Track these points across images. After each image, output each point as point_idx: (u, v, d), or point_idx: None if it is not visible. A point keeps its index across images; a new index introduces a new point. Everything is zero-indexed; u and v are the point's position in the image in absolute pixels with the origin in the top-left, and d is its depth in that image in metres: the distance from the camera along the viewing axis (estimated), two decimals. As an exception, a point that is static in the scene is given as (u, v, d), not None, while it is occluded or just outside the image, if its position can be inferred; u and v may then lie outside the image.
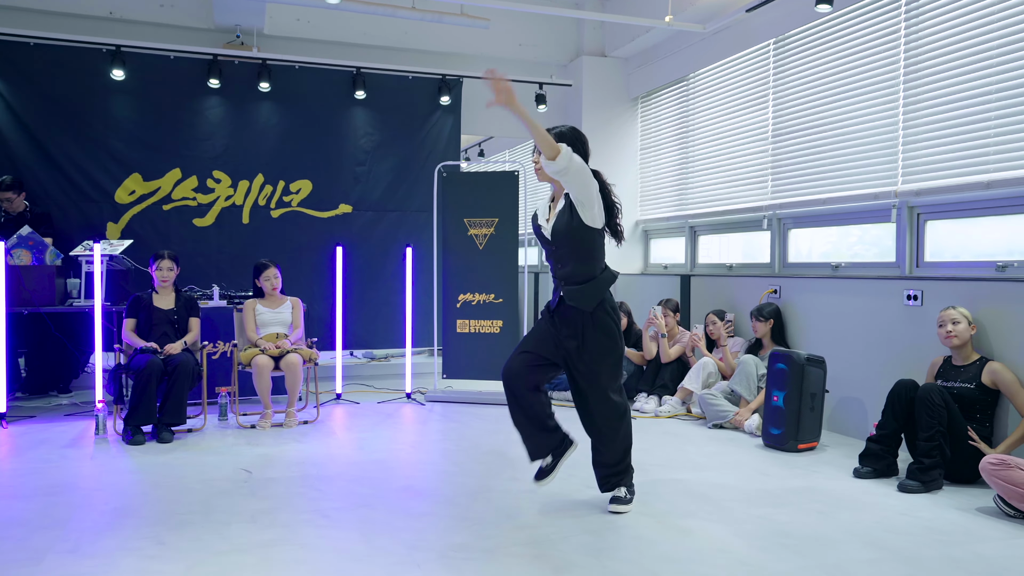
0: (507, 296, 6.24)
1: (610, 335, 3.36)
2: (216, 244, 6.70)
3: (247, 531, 3.15)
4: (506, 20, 7.41)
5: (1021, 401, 3.88)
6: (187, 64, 6.53)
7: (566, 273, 3.36)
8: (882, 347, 4.79)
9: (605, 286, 3.37)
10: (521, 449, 4.56)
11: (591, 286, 3.34)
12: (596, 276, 3.35)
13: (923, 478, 3.76)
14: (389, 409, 5.88)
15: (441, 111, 7.30)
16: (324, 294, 6.80)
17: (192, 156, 6.63)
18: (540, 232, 3.45)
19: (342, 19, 6.98)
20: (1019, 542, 3.10)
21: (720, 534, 3.17)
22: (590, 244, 3.34)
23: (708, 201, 6.76)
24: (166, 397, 4.80)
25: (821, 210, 5.48)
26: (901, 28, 4.83)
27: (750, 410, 5.05)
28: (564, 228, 3.32)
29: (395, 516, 3.36)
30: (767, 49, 6.02)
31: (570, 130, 3.40)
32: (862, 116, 5.12)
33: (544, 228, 3.42)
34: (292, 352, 5.26)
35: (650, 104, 7.69)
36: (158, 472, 4.05)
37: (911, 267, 4.81)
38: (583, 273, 3.34)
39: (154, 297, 5.16)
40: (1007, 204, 4.26)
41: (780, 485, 3.88)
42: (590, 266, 3.35)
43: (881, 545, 3.05)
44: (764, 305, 5.45)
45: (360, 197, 7.11)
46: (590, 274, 3.34)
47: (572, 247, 3.34)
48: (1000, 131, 4.23)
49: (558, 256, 3.38)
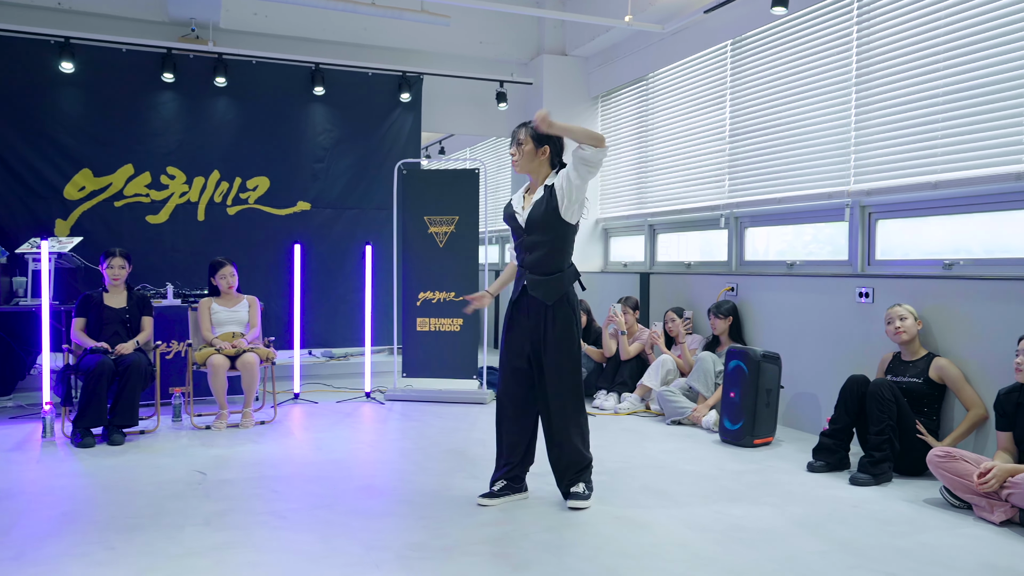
0: (467, 294, 6.19)
1: (568, 331, 3.40)
2: (170, 242, 6.57)
3: (200, 534, 3.10)
4: (467, 18, 7.39)
5: (966, 395, 4.00)
6: (140, 57, 6.39)
7: (533, 261, 3.41)
8: (835, 343, 4.89)
9: (568, 282, 3.43)
10: (481, 448, 4.57)
11: (556, 279, 3.40)
12: (562, 270, 3.42)
13: (873, 471, 3.85)
14: (348, 408, 5.83)
15: (401, 108, 7.25)
16: (282, 292, 6.71)
17: (145, 152, 6.48)
18: (514, 219, 3.50)
19: (300, 14, 6.89)
20: (963, 531, 3.19)
21: (677, 529, 3.20)
22: (562, 236, 3.41)
23: (667, 200, 6.83)
24: (117, 398, 4.69)
25: (776, 209, 5.57)
26: (853, 32, 4.93)
27: (707, 406, 5.12)
28: (539, 217, 3.38)
29: (353, 516, 3.33)
30: (724, 50, 6.10)
31: None
32: (816, 117, 5.22)
33: (519, 215, 3.47)
34: (249, 351, 5.18)
35: (610, 103, 7.74)
36: (108, 475, 3.95)
37: (863, 265, 4.92)
38: (549, 264, 3.40)
39: (105, 296, 5.03)
40: (953, 204, 4.38)
41: (736, 480, 3.94)
42: (558, 259, 3.41)
43: (832, 537, 3.12)
44: (721, 303, 5.52)
45: (318, 194, 7.03)
46: (557, 267, 3.40)
47: (544, 236, 3.39)
48: (947, 133, 4.35)
49: (528, 244, 3.43)
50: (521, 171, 3.49)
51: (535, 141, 3.42)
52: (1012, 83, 4.00)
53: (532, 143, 3.42)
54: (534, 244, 3.42)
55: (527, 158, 3.44)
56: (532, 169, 3.47)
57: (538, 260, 3.40)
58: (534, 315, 3.42)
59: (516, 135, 3.46)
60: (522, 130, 3.45)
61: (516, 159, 3.46)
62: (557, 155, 3.48)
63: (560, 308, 3.40)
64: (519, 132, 3.45)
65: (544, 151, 3.44)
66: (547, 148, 3.44)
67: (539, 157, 3.44)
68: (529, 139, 3.42)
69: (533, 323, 3.42)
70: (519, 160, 3.45)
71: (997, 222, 4.25)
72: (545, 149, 3.44)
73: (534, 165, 3.46)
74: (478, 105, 7.77)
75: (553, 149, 3.46)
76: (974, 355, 4.06)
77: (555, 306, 3.39)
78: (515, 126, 3.52)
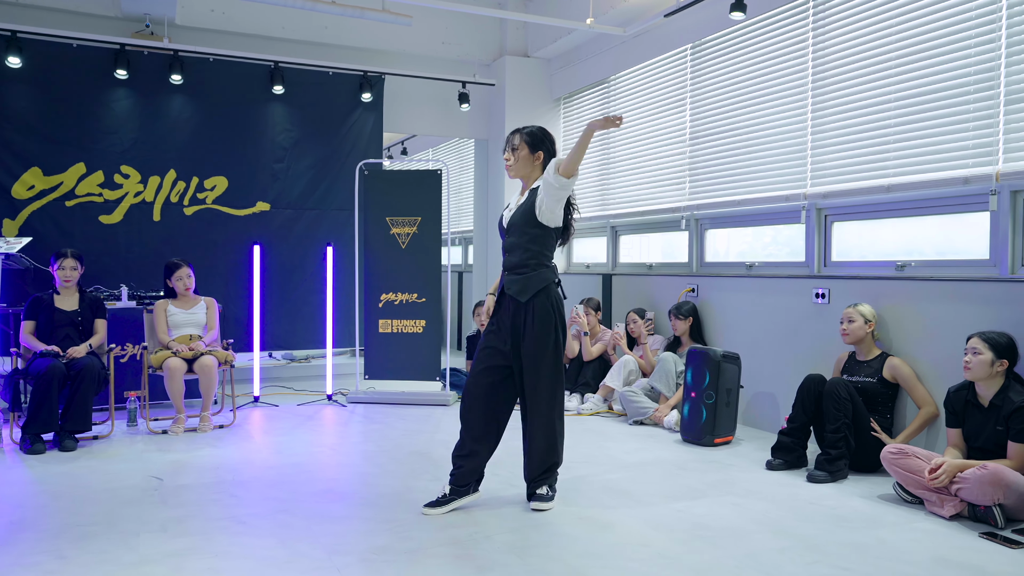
0: (430, 296, 6.20)
1: (546, 327, 3.37)
2: (125, 242, 6.41)
3: (156, 541, 3.03)
4: (429, 18, 7.36)
5: (918, 394, 4.10)
6: (92, 53, 6.23)
7: (511, 262, 3.43)
8: (792, 343, 4.98)
9: (542, 280, 3.39)
10: (444, 449, 4.55)
11: (530, 277, 3.38)
12: (537, 270, 3.40)
13: (830, 468, 3.93)
14: (309, 411, 5.76)
15: (362, 108, 7.19)
16: (241, 294, 6.60)
17: (98, 150, 6.32)
18: (501, 223, 3.54)
19: (259, 11, 6.79)
20: (916, 526, 3.28)
21: (640, 528, 3.23)
22: (538, 239, 3.40)
23: (629, 202, 6.89)
24: (69, 403, 4.56)
25: (736, 211, 5.65)
26: (809, 38, 5.03)
27: (669, 406, 5.17)
28: (520, 219, 3.41)
29: (314, 520, 3.29)
30: (684, 54, 6.18)
31: (540, 130, 3.49)
32: (773, 121, 5.31)
33: (504, 218, 3.51)
34: (206, 354, 5.09)
35: (572, 105, 7.78)
36: (59, 482, 3.84)
37: (819, 266, 5.02)
38: (526, 264, 3.39)
39: (56, 298, 4.90)
40: (906, 207, 4.50)
41: (698, 479, 3.99)
42: (533, 259, 3.40)
43: (790, 534, 3.17)
44: (682, 303, 5.59)
45: (278, 195, 6.93)
46: (532, 266, 3.40)
47: (520, 237, 3.41)
48: (899, 138, 4.46)
49: (509, 245, 3.46)
50: (515, 176, 3.50)
51: (530, 147, 3.43)
52: (960, 90, 4.12)
53: (527, 148, 3.43)
54: (513, 245, 3.44)
55: (522, 163, 3.45)
56: (526, 174, 3.47)
57: (515, 260, 3.42)
58: (513, 314, 3.40)
59: (511, 140, 3.46)
60: (517, 135, 3.45)
61: (510, 163, 3.46)
62: (550, 160, 3.45)
63: (539, 305, 3.36)
64: (514, 137, 3.45)
65: (539, 156, 3.44)
66: (541, 153, 3.45)
67: (534, 162, 3.45)
68: (524, 144, 3.43)
69: (511, 322, 3.40)
70: (513, 165, 3.46)
71: (947, 225, 4.38)
72: (540, 155, 3.44)
73: (528, 170, 3.46)
74: (440, 106, 7.75)
75: (547, 155, 3.46)
76: (925, 354, 4.17)
77: (533, 303, 3.36)
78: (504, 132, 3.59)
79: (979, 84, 4.04)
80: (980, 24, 4.03)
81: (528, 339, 3.36)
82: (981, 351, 3.45)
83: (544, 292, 3.38)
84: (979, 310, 3.91)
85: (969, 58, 4.08)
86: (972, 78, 4.07)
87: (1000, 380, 3.46)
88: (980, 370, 3.45)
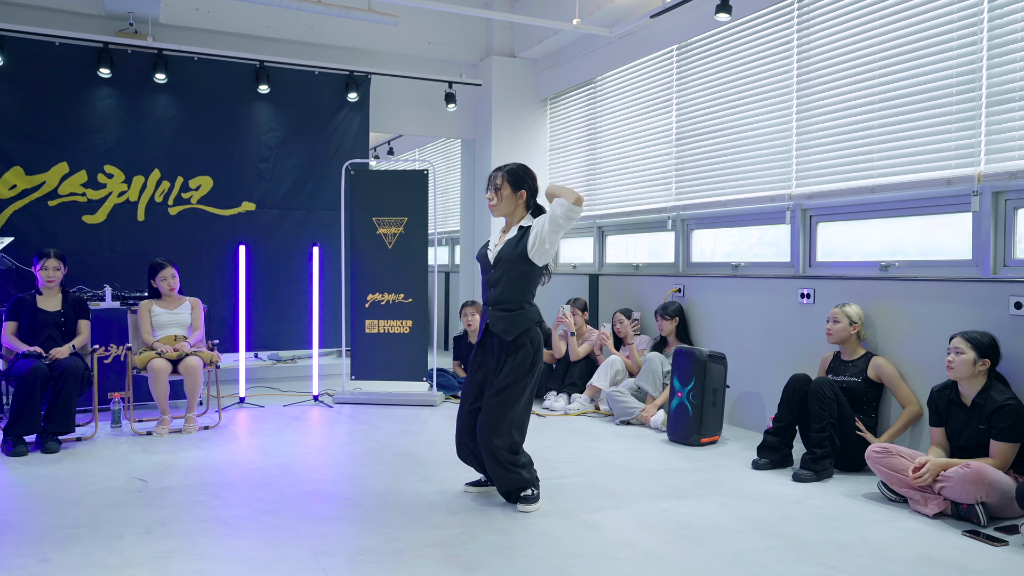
0: (417, 296, 6.18)
1: (523, 366, 3.41)
2: (108, 242, 6.36)
3: (141, 543, 3.00)
4: (415, 17, 7.35)
5: (902, 393, 4.14)
6: (75, 52, 6.17)
7: (495, 297, 3.48)
8: (778, 343, 5.01)
9: (528, 319, 3.46)
10: (431, 450, 4.55)
11: (516, 315, 3.44)
12: (523, 308, 3.46)
13: (815, 467, 3.95)
14: (295, 412, 5.73)
15: (348, 108, 7.16)
16: (226, 294, 6.57)
17: (81, 149, 6.26)
18: (485, 257, 3.58)
19: (244, 10, 6.75)
20: (900, 524, 3.30)
21: (627, 528, 3.24)
22: (528, 275, 3.46)
23: (615, 202, 6.91)
24: (52, 404, 4.51)
25: (722, 212, 5.68)
26: (794, 40, 5.07)
27: (656, 406, 5.18)
28: (507, 254, 3.46)
29: (300, 521, 3.28)
30: (671, 54, 6.20)
31: (520, 168, 3.54)
32: (759, 122, 5.34)
33: (490, 253, 3.56)
34: (191, 355, 5.05)
35: (559, 105, 7.79)
36: (42, 484, 3.80)
37: (804, 267, 5.06)
38: (511, 300, 3.45)
39: (38, 298, 4.85)
40: (890, 208, 4.54)
41: (684, 478, 4.00)
42: (519, 296, 3.46)
43: (776, 533, 3.19)
44: (668, 304, 5.60)
45: (264, 195, 6.89)
46: (517, 303, 3.45)
47: (509, 272, 3.45)
48: (883, 139, 4.50)
49: (494, 280, 3.49)
50: (498, 214, 3.56)
51: (512, 185, 3.49)
52: (942, 92, 4.16)
53: (510, 187, 3.49)
54: (498, 279, 3.47)
55: (506, 202, 3.51)
56: (509, 212, 3.53)
57: (499, 296, 3.46)
58: (496, 353, 3.48)
59: (493, 179, 3.51)
60: (499, 174, 3.51)
61: (494, 203, 3.51)
62: (533, 197, 3.56)
63: (520, 345, 3.42)
64: (496, 176, 3.51)
65: (521, 195, 3.51)
66: (524, 192, 3.51)
67: (517, 200, 3.51)
68: (507, 184, 3.49)
69: (495, 362, 3.48)
70: (497, 204, 3.51)
71: (930, 225, 4.41)
72: (522, 193, 3.51)
73: (511, 208, 3.52)
74: (427, 106, 7.73)
75: (529, 193, 3.53)
76: (909, 354, 4.21)
77: (516, 342, 3.42)
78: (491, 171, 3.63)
79: (961, 86, 4.08)
80: (962, 27, 4.07)
81: (504, 369, 3.42)
82: (964, 351, 3.49)
83: (527, 333, 3.44)
84: (962, 310, 3.95)
85: (951, 60, 4.12)
86: (954, 80, 4.11)
87: (983, 379, 3.50)
88: (963, 370, 3.48)
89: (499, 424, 3.42)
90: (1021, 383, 3.62)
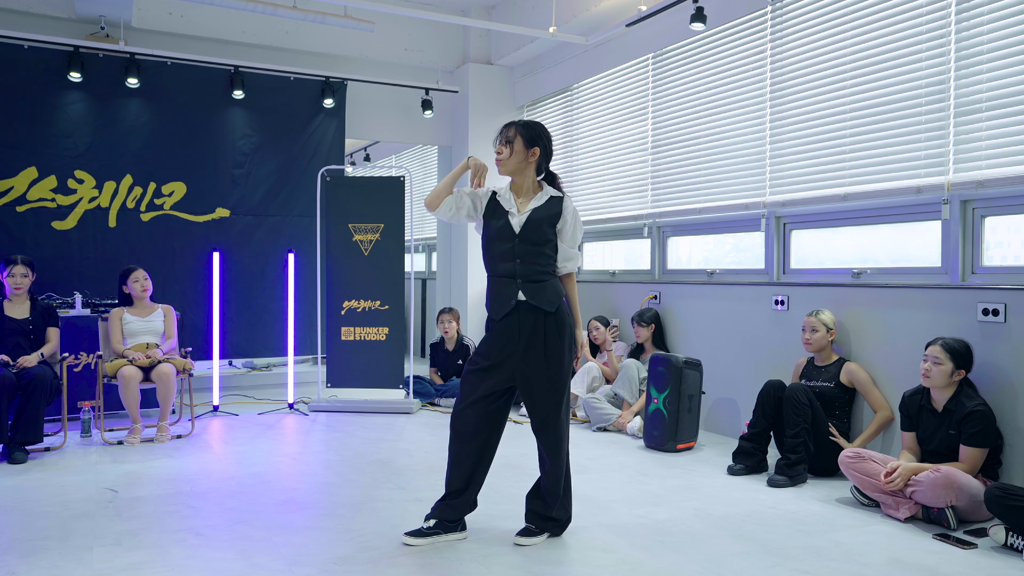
0: (393, 303, 6.16)
1: (568, 340, 3.17)
2: (79, 249, 6.25)
3: (110, 555, 2.95)
4: (391, 24, 7.33)
5: (874, 398, 4.19)
6: (44, 55, 6.07)
7: (527, 271, 3.13)
8: (753, 349, 5.05)
9: (560, 292, 3.21)
10: (407, 458, 4.52)
11: (552, 283, 3.17)
12: (554, 275, 3.21)
13: (790, 473, 3.99)
14: (270, 420, 5.67)
15: (324, 114, 7.12)
16: (200, 301, 6.49)
17: (50, 154, 6.16)
18: (507, 221, 3.17)
19: (218, 15, 6.69)
20: (872, 528, 3.34)
21: (603, 534, 3.24)
22: (554, 244, 3.20)
23: (592, 209, 6.93)
24: (19, 414, 4.42)
25: (697, 219, 5.72)
26: (767, 49, 5.13)
27: (632, 413, 5.20)
28: (538, 225, 3.15)
29: (274, 531, 3.24)
30: (646, 63, 6.25)
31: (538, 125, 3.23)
32: (733, 130, 5.39)
33: (512, 216, 3.17)
34: (164, 362, 4.98)
35: (536, 112, 7.81)
36: (8, 496, 3.72)
37: (778, 274, 5.11)
38: (544, 271, 3.16)
39: (6, 305, 4.76)
40: (861, 215, 4.60)
41: (660, 484, 4.02)
42: (549, 267, 3.18)
43: (751, 538, 3.21)
44: (645, 310, 5.63)
45: (238, 201, 6.83)
46: (549, 271, 3.18)
47: (542, 243, 3.16)
48: (855, 148, 4.56)
49: (522, 252, 3.14)
50: (504, 172, 3.20)
51: (527, 140, 3.16)
52: (912, 102, 4.23)
53: (523, 142, 3.15)
54: (526, 249, 3.13)
55: (517, 158, 3.16)
56: (518, 171, 3.19)
57: (532, 270, 3.13)
58: (529, 330, 3.11)
59: (505, 132, 3.19)
60: (512, 127, 3.18)
61: (503, 157, 3.16)
62: (546, 159, 3.23)
63: (560, 317, 3.14)
64: (508, 130, 3.18)
65: (534, 152, 3.17)
66: (538, 149, 3.18)
67: (528, 158, 3.17)
68: (520, 137, 3.15)
69: (528, 341, 3.11)
70: (507, 159, 3.16)
71: (901, 233, 4.49)
72: (535, 151, 3.17)
73: (520, 165, 3.17)
74: (403, 112, 7.72)
75: (543, 152, 3.21)
76: (881, 359, 4.27)
77: (558, 315, 3.13)
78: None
79: (930, 96, 4.15)
80: (931, 39, 4.14)
81: (552, 356, 3.11)
82: (942, 361, 3.51)
83: (562, 306, 3.17)
84: (932, 316, 4.01)
85: (921, 71, 4.19)
86: (924, 91, 4.18)
87: (954, 386, 3.55)
88: (939, 379, 3.53)
89: (566, 423, 3.18)
90: (989, 388, 3.68)
